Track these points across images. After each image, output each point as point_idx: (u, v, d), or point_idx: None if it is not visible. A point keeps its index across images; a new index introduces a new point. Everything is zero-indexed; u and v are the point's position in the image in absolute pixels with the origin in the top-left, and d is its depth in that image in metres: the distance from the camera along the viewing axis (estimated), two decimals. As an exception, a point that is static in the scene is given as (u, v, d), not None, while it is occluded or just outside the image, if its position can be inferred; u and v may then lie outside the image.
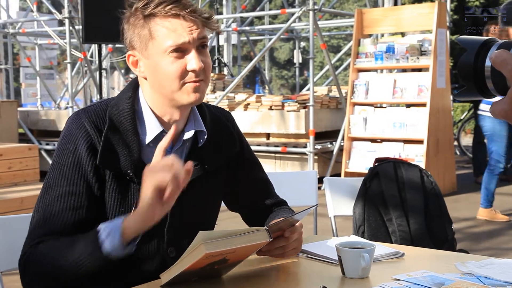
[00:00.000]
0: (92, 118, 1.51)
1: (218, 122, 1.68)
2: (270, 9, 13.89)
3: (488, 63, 0.83)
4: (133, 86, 1.59)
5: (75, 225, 1.43)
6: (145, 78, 1.54)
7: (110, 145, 1.49)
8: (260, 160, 1.85)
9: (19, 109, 9.09)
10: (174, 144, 1.58)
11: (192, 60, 1.47)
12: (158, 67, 1.48)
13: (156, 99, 1.54)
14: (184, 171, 1.32)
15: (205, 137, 1.60)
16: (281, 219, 1.53)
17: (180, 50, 1.47)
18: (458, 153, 9.30)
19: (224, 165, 1.67)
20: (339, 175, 6.81)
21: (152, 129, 1.53)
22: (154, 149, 1.53)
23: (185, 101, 1.51)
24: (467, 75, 0.85)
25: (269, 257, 1.59)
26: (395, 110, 6.75)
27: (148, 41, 1.48)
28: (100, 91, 6.19)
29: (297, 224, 1.55)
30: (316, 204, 1.87)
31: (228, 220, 2.78)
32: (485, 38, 0.86)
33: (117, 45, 10.63)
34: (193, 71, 1.47)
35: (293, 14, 7.82)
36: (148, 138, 1.53)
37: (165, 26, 1.46)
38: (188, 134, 1.57)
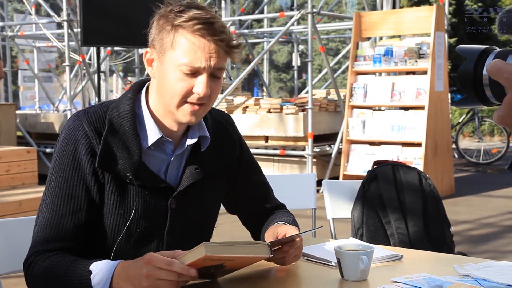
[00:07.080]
0: (91, 120, 1.52)
1: (219, 126, 1.69)
2: (268, 12, 13.89)
3: (486, 71, 0.84)
4: (135, 89, 1.59)
5: (75, 229, 1.48)
6: (155, 78, 1.55)
7: (109, 148, 1.49)
8: (259, 163, 1.85)
9: (18, 112, 9.07)
10: (175, 148, 1.58)
11: (200, 85, 1.47)
12: (167, 78, 1.49)
13: (159, 102, 1.55)
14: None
15: (208, 142, 1.60)
16: (284, 237, 1.54)
17: (193, 71, 1.47)
18: (456, 156, 9.31)
19: (224, 168, 1.68)
20: (337, 178, 6.82)
21: (151, 134, 1.54)
22: (155, 152, 1.54)
23: (179, 119, 1.52)
24: (467, 84, 0.86)
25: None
26: (393, 113, 6.76)
27: (167, 49, 1.48)
28: (98, 94, 6.19)
29: (297, 239, 1.55)
30: (321, 226, 1.87)
31: (228, 224, 2.77)
32: (484, 46, 0.87)
33: (115, 48, 10.64)
34: (198, 94, 1.48)
35: (291, 17, 7.82)
36: (148, 142, 1.53)
37: (188, 42, 1.45)
38: (192, 141, 1.58)
